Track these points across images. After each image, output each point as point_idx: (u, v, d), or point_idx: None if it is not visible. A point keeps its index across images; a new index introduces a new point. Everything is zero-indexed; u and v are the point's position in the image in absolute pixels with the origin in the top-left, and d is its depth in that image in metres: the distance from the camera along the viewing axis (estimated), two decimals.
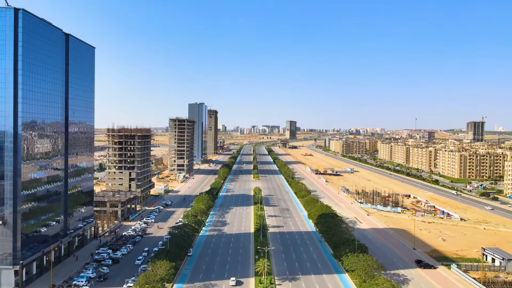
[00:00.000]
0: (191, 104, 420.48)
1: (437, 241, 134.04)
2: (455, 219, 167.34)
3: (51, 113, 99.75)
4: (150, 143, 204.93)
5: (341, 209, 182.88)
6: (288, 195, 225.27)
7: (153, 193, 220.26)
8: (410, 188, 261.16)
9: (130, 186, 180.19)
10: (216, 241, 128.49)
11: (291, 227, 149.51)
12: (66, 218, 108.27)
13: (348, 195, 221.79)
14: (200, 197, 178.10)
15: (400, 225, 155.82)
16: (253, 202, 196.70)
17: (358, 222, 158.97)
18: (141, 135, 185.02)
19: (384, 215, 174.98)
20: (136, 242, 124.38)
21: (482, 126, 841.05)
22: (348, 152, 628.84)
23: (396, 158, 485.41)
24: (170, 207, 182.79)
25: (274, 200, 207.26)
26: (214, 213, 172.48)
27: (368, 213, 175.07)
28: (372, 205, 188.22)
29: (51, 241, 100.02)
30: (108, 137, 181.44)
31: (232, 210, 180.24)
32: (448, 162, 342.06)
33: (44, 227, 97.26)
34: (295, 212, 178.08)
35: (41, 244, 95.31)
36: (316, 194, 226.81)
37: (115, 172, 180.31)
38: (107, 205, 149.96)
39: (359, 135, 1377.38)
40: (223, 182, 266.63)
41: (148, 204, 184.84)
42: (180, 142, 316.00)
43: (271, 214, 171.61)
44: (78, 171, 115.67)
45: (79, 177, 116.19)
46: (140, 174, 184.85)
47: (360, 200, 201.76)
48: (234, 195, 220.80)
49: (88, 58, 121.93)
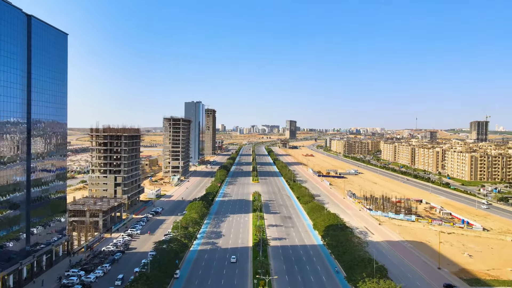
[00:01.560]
0: (188, 103, 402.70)
1: (462, 258, 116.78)
2: (477, 229, 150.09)
3: (6, 109, 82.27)
4: (140, 144, 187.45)
5: (349, 217, 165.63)
6: (290, 200, 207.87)
7: (144, 198, 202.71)
8: (420, 192, 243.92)
9: (116, 192, 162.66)
10: (209, 258, 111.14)
11: (294, 239, 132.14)
12: (28, 234, 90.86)
13: (355, 200, 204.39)
14: (193, 204, 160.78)
15: (417, 237, 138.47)
16: (252, 209, 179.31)
17: (370, 233, 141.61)
18: (128, 135, 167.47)
19: (397, 224, 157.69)
20: (116, 260, 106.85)
21: (486, 125, 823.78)
22: (350, 152, 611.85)
23: (401, 159, 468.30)
24: (160, 215, 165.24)
25: (275, 206, 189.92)
26: (208, 222, 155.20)
27: (379, 222, 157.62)
28: (383, 213, 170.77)
29: (7, 265, 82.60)
30: (91, 137, 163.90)
31: (229, 218, 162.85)
32: (457, 164, 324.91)
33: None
34: (299, 220, 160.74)
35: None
36: (320, 199, 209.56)
37: (99, 176, 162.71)
38: (86, 214, 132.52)
39: (359, 134, 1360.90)
40: (220, 185, 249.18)
41: (136, 212, 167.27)
42: (175, 143, 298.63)
43: (272, 223, 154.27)
44: (45, 178, 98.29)
45: (46, 185, 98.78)
46: (127, 178, 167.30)
47: (369, 207, 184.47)
48: (232, 201, 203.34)
49: (59, 45, 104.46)
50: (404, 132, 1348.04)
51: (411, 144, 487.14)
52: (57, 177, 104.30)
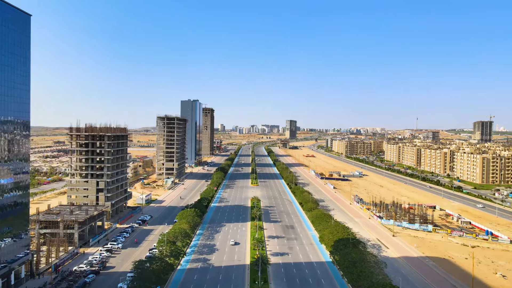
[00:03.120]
0: (184, 101, 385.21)
1: (495, 279, 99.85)
2: (504, 242, 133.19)
3: None
4: (127, 145, 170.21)
5: (358, 227, 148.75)
6: (292, 206, 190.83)
7: (132, 204, 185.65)
8: (432, 197, 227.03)
9: (98, 198, 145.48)
10: (199, 280, 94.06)
11: (298, 254, 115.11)
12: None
13: (362, 206, 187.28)
14: (185, 212, 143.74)
15: (438, 252, 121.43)
16: (250, 217, 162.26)
17: (384, 247, 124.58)
18: (113, 135, 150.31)
19: (412, 235, 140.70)
20: (87, 284, 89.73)
21: (491, 126, 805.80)
22: (352, 153, 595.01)
23: (406, 160, 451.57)
24: (147, 225, 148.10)
25: (276, 214, 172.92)
26: (201, 233, 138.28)
27: (393, 233, 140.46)
28: (396, 222, 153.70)
29: None
30: (71, 138, 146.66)
31: (224, 228, 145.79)
32: (467, 166, 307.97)
33: None
34: (302, 231, 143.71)
35: None
36: (324, 205, 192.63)
37: (78, 181, 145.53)
38: (59, 226, 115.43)
39: (360, 135, 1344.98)
40: (216, 189, 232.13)
41: (121, 221, 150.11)
42: (169, 143, 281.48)
43: (272, 234, 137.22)
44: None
45: (0, 196, 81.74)
46: (111, 183, 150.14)
47: (378, 214, 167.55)
48: (228, 207, 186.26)
49: (19, 28, 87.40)
50: (405, 132, 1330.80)
51: (416, 144, 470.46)
52: (16, 185, 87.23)
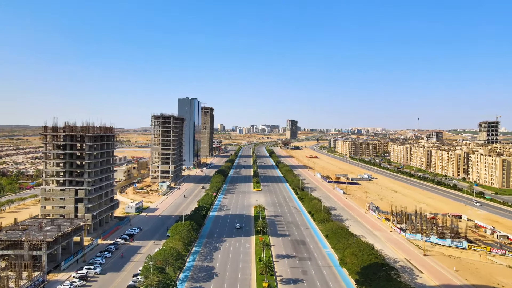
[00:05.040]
0: (182, 99, 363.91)
1: None
2: None
3: None
4: (113, 147, 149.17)
5: (380, 243, 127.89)
6: (301, 215, 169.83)
7: (120, 213, 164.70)
8: (453, 204, 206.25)
9: (77, 209, 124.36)
10: None
11: (315, 282, 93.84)
12: None
13: (380, 216, 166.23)
14: (179, 226, 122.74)
15: (483, 278, 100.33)
16: (254, 230, 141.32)
17: (416, 271, 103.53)
18: (94, 135, 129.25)
19: (446, 254, 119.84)
20: None
21: (497, 126, 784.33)
22: (357, 154, 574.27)
23: (414, 161, 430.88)
24: (134, 241, 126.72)
25: (283, 225, 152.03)
26: (198, 251, 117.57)
27: (424, 252, 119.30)
28: (423, 236, 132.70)
29: None
30: (45, 138, 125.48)
31: (225, 244, 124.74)
32: (485, 169, 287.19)
33: None
34: (316, 248, 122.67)
35: None
36: (336, 214, 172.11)
37: (54, 189, 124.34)
38: (24, 246, 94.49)
39: (361, 135, 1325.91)
40: (216, 195, 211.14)
41: (105, 235, 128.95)
42: (164, 144, 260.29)
43: (281, 253, 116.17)
44: None
45: None
46: (93, 191, 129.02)
47: (400, 226, 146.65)
48: (229, 217, 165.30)
49: None
50: (406, 133, 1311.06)
51: (424, 145, 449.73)
52: None
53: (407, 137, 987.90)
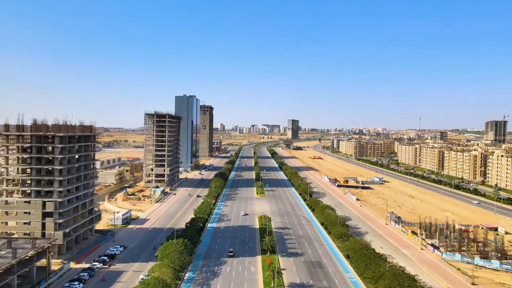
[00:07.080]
0: (178, 97, 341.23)
1: None
2: None
3: None
4: (94, 149, 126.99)
5: (413, 266, 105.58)
6: (313, 228, 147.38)
7: (105, 225, 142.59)
8: (481, 212, 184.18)
9: (44, 226, 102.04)
10: None
11: None
12: None
13: (406, 230, 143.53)
14: (169, 246, 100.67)
15: None
16: (260, 248, 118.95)
17: None
18: (68, 135, 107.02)
19: (496, 280, 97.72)
20: None
21: (505, 126, 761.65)
22: (362, 154, 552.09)
23: (424, 163, 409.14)
24: (115, 262, 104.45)
25: (293, 240, 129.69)
26: (192, 277, 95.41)
27: (472, 280, 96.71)
28: (463, 257, 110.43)
29: None
30: (6, 139, 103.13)
31: (226, 268, 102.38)
32: (506, 171, 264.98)
33: None
34: (336, 272, 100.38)
35: None
36: (352, 225, 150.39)
37: (17, 201, 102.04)
38: None
39: (363, 135, 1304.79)
40: (215, 202, 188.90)
41: (80, 256, 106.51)
42: (159, 145, 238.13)
43: (295, 281, 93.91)
44: None
45: None
46: (66, 203, 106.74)
47: (431, 242, 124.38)
48: (230, 229, 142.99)
49: None
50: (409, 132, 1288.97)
51: (435, 146, 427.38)
52: None
53: (410, 137, 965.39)
